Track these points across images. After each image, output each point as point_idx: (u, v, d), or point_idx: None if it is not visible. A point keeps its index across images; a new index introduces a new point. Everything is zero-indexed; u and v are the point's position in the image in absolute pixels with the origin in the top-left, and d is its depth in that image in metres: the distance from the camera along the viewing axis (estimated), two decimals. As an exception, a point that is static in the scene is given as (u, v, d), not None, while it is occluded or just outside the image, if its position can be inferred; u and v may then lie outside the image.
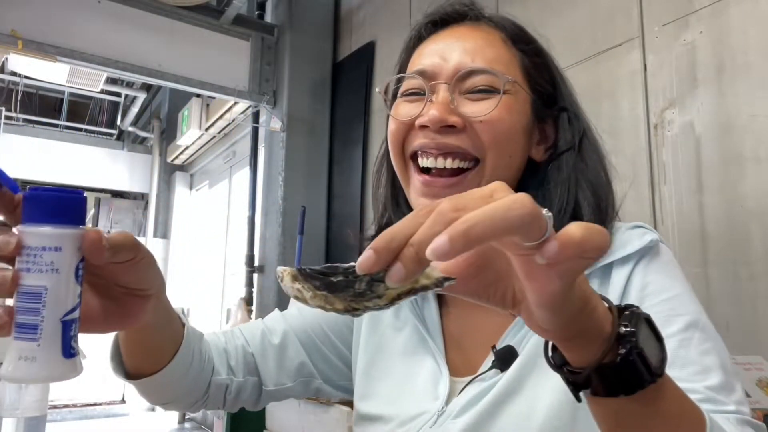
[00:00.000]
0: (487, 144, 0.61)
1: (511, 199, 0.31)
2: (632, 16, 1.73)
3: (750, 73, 1.44)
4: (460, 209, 0.32)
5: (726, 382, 0.51)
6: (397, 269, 0.32)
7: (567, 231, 0.32)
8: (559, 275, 0.33)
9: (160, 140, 6.09)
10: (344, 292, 0.35)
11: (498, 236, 0.31)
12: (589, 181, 0.64)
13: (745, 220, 1.41)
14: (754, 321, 1.37)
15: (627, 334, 0.37)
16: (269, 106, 3.40)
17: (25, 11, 2.76)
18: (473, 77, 0.63)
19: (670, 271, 0.59)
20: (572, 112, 0.68)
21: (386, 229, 0.33)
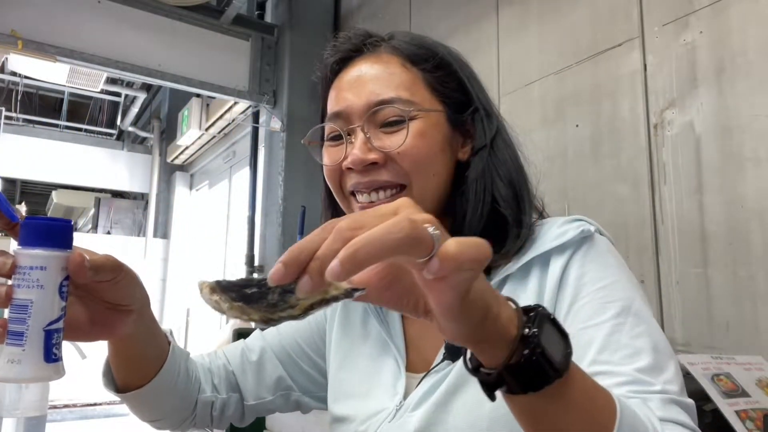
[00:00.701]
0: (409, 171, 0.66)
1: (391, 222, 0.34)
2: (632, 16, 1.73)
3: (750, 73, 1.44)
4: (356, 228, 0.35)
5: (655, 362, 0.53)
6: (304, 282, 0.35)
7: (444, 247, 0.35)
8: (450, 287, 0.36)
9: (160, 140, 6.09)
10: (259, 303, 0.37)
11: (382, 258, 0.34)
12: (503, 176, 0.68)
13: (745, 220, 1.41)
14: (754, 321, 1.37)
15: (530, 336, 0.40)
16: (269, 106, 3.40)
17: (25, 11, 2.76)
18: (382, 110, 0.66)
19: (606, 260, 0.62)
20: (483, 112, 0.72)
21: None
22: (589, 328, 0.57)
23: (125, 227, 6.53)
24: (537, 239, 0.65)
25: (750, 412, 1.05)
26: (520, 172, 0.71)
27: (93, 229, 6.56)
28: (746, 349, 1.32)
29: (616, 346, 0.55)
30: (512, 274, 0.64)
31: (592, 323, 0.57)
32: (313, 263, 0.35)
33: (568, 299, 0.60)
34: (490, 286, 0.40)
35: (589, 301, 0.59)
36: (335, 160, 0.69)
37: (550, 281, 0.62)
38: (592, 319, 0.57)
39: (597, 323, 0.57)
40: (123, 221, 6.53)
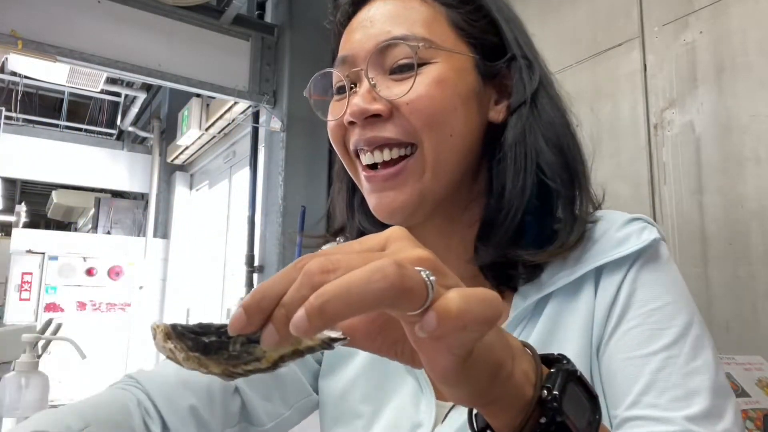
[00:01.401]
0: (419, 127, 0.53)
1: (372, 268, 0.27)
2: (632, 16, 1.73)
3: (750, 73, 1.44)
4: (328, 271, 0.28)
5: (712, 407, 0.45)
6: (269, 333, 0.28)
7: (444, 301, 0.28)
8: (447, 350, 0.29)
9: (160, 140, 6.08)
10: (218, 355, 0.31)
11: (359, 312, 0.27)
12: (550, 139, 0.55)
13: (745, 220, 1.41)
14: (754, 321, 1.37)
15: (549, 399, 0.33)
16: (269, 106, 3.40)
17: (25, 11, 2.76)
18: (391, 51, 0.53)
19: (664, 275, 0.52)
20: (523, 60, 0.57)
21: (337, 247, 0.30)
22: (634, 360, 0.48)
23: (125, 227, 6.53)
24: (593, 240, 0.54)
25: (750, 412, 1.05)
26: (571, 138, 0.56)
27: (93, 229, 6.56)
28: (746, 349, 1.32)
29: (665, 386, 0.46)
30: (560, 287, 0.53)
31: (639, 354, 0.48)
32: (278, 311, 0.28)
33: (613, 320, 0.50)
34: (502, 336, 0.33)
35: (638, 325, 0.49)
36: (337, 114, 0.57)
37: (603, 301, 0.51)
38: (639, 349, 0.48)
39: (645, 354, 0.47)
40: (123, 221, 6.52)
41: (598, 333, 0.51)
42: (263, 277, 3.37)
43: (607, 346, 0.50)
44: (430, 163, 0.53)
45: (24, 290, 5.32)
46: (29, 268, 5.37)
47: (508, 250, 0.53)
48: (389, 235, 0.31)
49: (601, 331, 0.51)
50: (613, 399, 0.48)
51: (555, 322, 0.52)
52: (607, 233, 0.54)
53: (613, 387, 0.49)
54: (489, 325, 0.29)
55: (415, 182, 0.54)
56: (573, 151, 0.55)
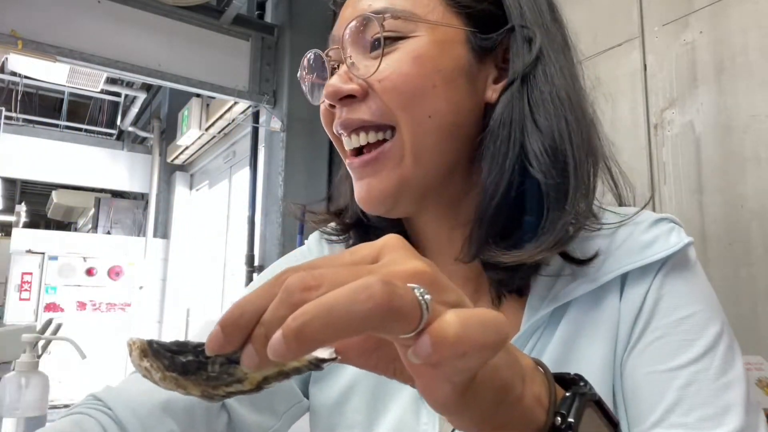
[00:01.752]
0: (394, 108, 0.47)
1: (356, 286, 0.23)
2: (632, 16, 1.73)
3: (750, 73, 1.44)
4: (310, 288, 0.24)
5: (746, 426, 0.41)
6: (249, 354, 0.25)
7: (439, 325, 0.24)
8: (446, 377, 0.26)
9: (160, 140, 6.09)
10: (197, 375, 0.28)
11: (343, 336, 0.23)
12: (541, 122, 0.47)
13: (745, 220, 1.41)
14: (754, 321, 1.37)
15: (563, 428, 0.29)
16: (269, 106, 3.40)
17: (25, 11, 2.76)
18: (367, 28, 0.48)
19: (693, 280, 0.48)
20: (522, 30, 0.50)
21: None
22: (660, 374, 0.43)
23: (125, 227, 6.53)
24: (617, 244, 0.49)
25: (750, 412, 1.05)
26: (569, 120, 0.48)
27: (93, 229, 6.56)
28: (746, 349, 1.31)
29: (693, 402, 0.41)
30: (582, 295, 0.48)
31: (665, 368, 0.43)
32: (257, 330, 0.25)
33: (639, 328, 0.46)
34: (511, 354, 0.29)
35: (664, 336, 0.45)
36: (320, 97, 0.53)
37: (629, 309, 0.47)
38: (665, 362, 0.44)
39: (672, 368, 0.43)
40: (123, 221, 6.52)
41: (623, 341, 0.46)
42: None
43: (629, 357, 0.46)
44: (409, 146, 0.48)
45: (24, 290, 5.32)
46: (29, 268, 5.37)
47: (486, 249, 0.48)
48: (383, 244, 0.28)
49: (626, 339, 0.47)
50: (636, 416, 0.45)
51: (575, 332, 0.48)
52: (632, 236, 0.49)
53: (636, 403, 0.45)
54: (492, 352, 0.26)
55: (394, 167, 0.49)
56: (568, 136, 0.47)
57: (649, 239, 0.48)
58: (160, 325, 5.86)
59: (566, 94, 0.49)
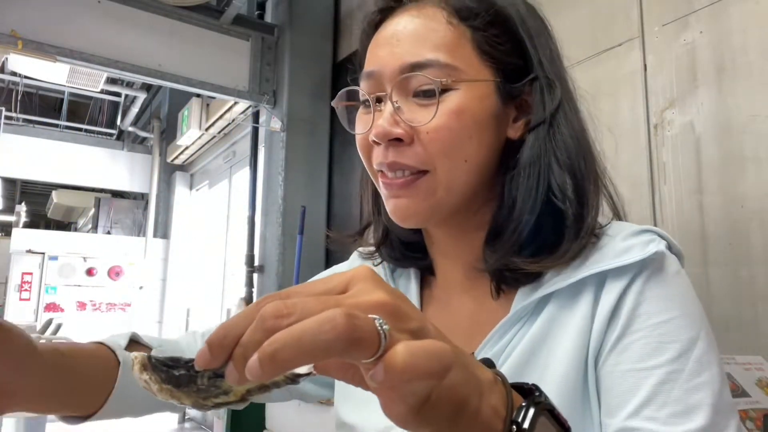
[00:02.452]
0: (434, 155, 0.55)
1: (323, 318, 0.27)
2: (632, 16, 1.73)
3: (750, 73, 1.44)
4: (282, 316, 0.28)
5: (711, 425, 0.44)
6: (230, 370, 0.30)
7: (391, 354, 0.28)
8: (401, 397, 0.30)
9: (160, 140, 6.09)
10: (188, 388, 0.32)
11: (310, 362, 0.28)
12: (563, 162, 0.55)
13: (745, 220, 1.41)
14: (754, 321, 1.37)
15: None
16: (269, 106, 3.40)
17: (25, 11, 2.76)
18: (414, 75, 0.55)
19: (671, 288, 0.52)
20: (545, 81, 0.58)
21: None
22: (636, 372, 0.48)
23: (125, 227, 6.53)
24: (597, 248, 0.55)
25: (750, 412, 1.05)
26: (586, 158, 0.57)
27: (93, 229, 6.57)
28: (746, 349, 1.32)
29: (665, 400, 0.45)
30: (560, 289, 0.54)
31: (641, 366, 0.48)
32: (237, 350, 0.29)
33: (616, 331, 0.50)
34: (468, 371, 0.32)
35: (642, 338, 0.49)
36: (363, 128, 0.59)
37: (603, 310, 0.51)
38: (642, 362, 0.48)
39: (647, 367, 0.47)
40: (123, 221, 6.53)
41: (597, 339, 0.51)
42: (263, 277, 3.37)
43: (609, 356, 0.50)
44: (443, 184, 0.56)
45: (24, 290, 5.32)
46: (29, 268, 5.37)
47: (511, 258, 0.56)
48: (353, 275, 0.32)
49: (600, 337, 0.51)
50: (609, 408, 0.49)
51: (552, 322, 0.54)
52: (612, 242, 0.55)
53: (611, 397, 0.49)
54: (436, 379, 0.30)
55: (427, 197, 0.56)
56: (585, 172, 0.56)
57: (626, 246, 0.53)
58: (160, 325, 5.86)
59: (581, 135, 0.58)
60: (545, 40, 0.61)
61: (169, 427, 4.96)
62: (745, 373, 1.19)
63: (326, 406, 1.87)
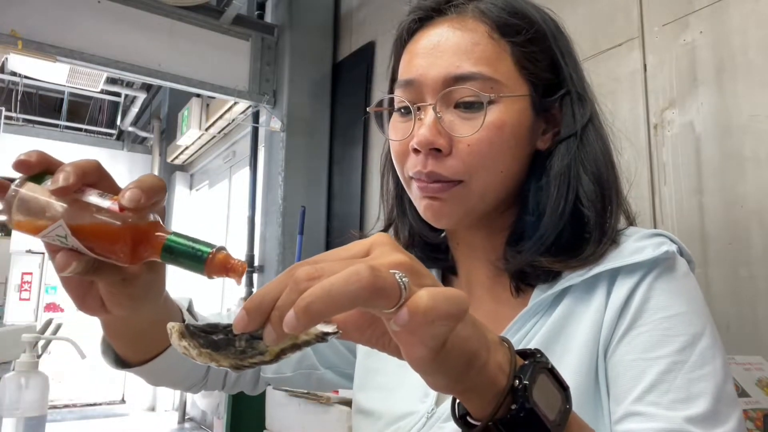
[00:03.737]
0: (473, 168, 0.57)
1: (349, 272, 0.31)
2: (632, 16, 1.73)
3: (750, 73, 1.44)
4: (313, 278, 0.32)
5: (713, 412, 0.46)
6: (268, 331, 0.33)
7: (414, 299, 0.32)
8: (420, 342, 0.33)
9: (160, 140, 6.09)
10: (227, 350, 0.36)
11: (340, 311, 0.31)
12: (589, 171, 0.59)
13: (745, 220, 1.41)
14: (754, 321, 1.37)
15: (519, 388, 0.36)
16: (269, 106, 3.40)
17: (25, 11, 2.76)
18: (459, 87, 0.56)
19: (678, 287, 0.55)
20: (576, 95, 0.62)
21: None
22: (641, 361, 0.50)
23: (125, 227, 6.52)
24: (616, 248, 0.58)
25: (750, 412, 1.05)
26: (610, 169, 0.61)
27: (93, 229, 6.56)
28: (746, 349, 1.32)
29: (668, 387, 0.48)
30: (576, 285, 0.56)
31: (648, 356, 0.50)
32: (274, 313, 0.33)
33: (625, 324, 0.53)
34: (478, 329, 0.36)
35: (649, 330, 0.52)
36: (400, 135, 0.61)
37: (614, 303, 0.54)
38: (648, 352, 0.51)
39: (653, 357, 0.50)
40: (123, 221, 6.52)
41: (607, 332, 0.54)
42: (263, 277, 3.37)
43: (617, 347, 0.53)
44: (478, 193, 0.58)
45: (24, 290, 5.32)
46: (29, 268, 5.37)
47: (537, 258, 0.58)
48: (372, 242, 0.35)
49: (610, 331, 0.54)
50: (617, 396, 0.51)
51: (567, 316, 0.56)
52: (626, 243, 0.58)
53: (618, 385, 0.51)
54: (455, 320, 0.33)
55: (461, 203, 0.59)
56: (610, 182, 0.60)
57: (641, 246, 0.57)
58: (160, 325, 5.85)
59: (607, 147, 0.62)
60: (574, 56, 0.65)
61: (169, 426, 4.96)
62: (745, 373, 1.19)
63: (326, 406, 1.87)
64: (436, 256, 0.69)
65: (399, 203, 0.71)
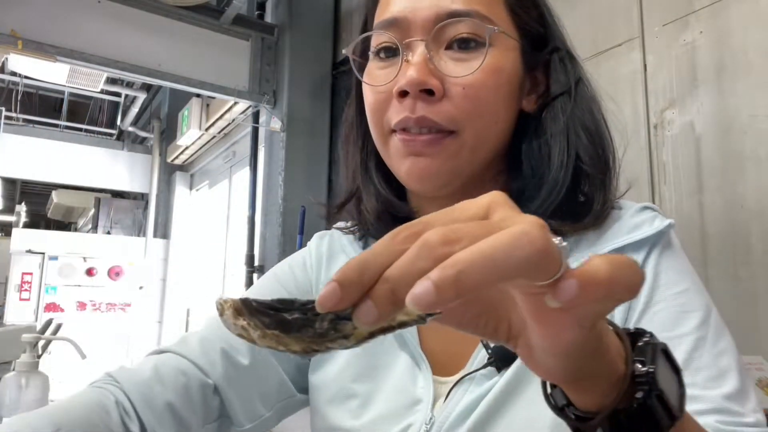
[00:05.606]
0: (467, 115, 0.51)
1: (517, 232, 0.24)
2: (632, 16, 1.73)
3: (750, 73, 1.44)
4: (452, 242, 0.25)
5: (742, 386, 0.45)
6: (367, 310, 0.25)
7: (590, 268, 0.25)
8: (579, 320, 0.27)
9: (160, 140, 6.08)
10: (301, 333, 0.28)
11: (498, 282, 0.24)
12: (586, 128, 0.56)
13: (745, 220, 1.41)
14: (754, 321, 1.37)
15: (644, 374, 0.30)
16: (269, 106, 3.40)
17: (25, 11, 2.76)
18: (454, 24, 0.51)
19: (681, 262, 0.53)
20: (566, 52, 0.59)
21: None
22: (668, 340, 0.46)
23: (125, 227, 6.53)
24: (608, 225, 0.55)
25: (750, 412, 1.05)
26: (605, 128, 0.58)
27: (93, 229, 6.56)
28: (746, 349, 1.31)
29: (698, 365, 0.46)
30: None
31: (671, 335, 0.48)
32: (380, 286, 0.25)
33: (641, 302, 0.50)
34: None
35: (666, 308, 0.50)
36: (384, 82, 0.54)
37: None
38: (671, 330, 0.48)
39: (677, 335, 0.48)
40: (123, 221, 6.52)
41: (621, 313, 0.51)
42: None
43: (638, 325, 0.50)
44: (469, 146, 0.53)
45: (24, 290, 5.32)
46: (29, 268, 5.36)
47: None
48: (490, 201, 0.28)
49: (625, 311, 0.51)
50: None
51: None
52: (622, 219, 0.55)
53: None
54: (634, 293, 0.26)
55: (451, 157, 0.53)
56: (606, 139, 0.57)
57: (637, 222, 0.54)
58: (160, 325, 5.86)
59: (599, 108, 0.59)
60: (557, 18, 0.62)
61: (169, 427, 4.96)
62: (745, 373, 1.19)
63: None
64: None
65: (364, 169, 0.63)
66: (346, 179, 0.66)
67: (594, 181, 0.55)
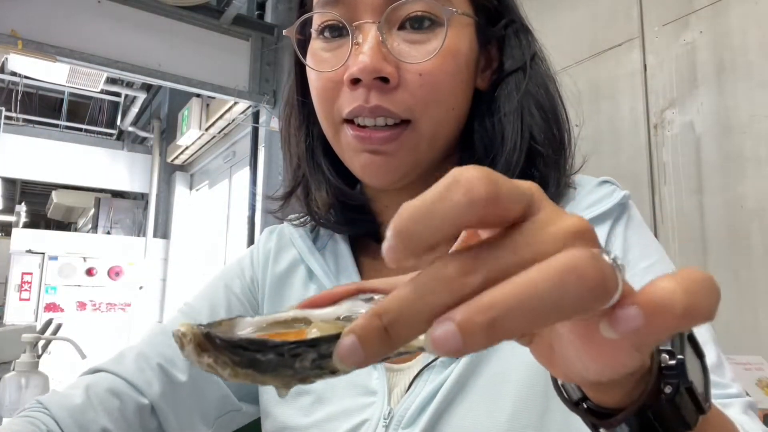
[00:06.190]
0: (425, 103, 0.48)
1: (562, 268, 0.19)
2: (632, 16, 1.73)
3: (750, 73, 1.44)
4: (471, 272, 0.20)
5: (719, 358, 0.44)
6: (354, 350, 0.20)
7: (660, 295, 0.20)
8: (638, 348, 0.22)
9: (160, 140, 6.09)
10: (277, 372, 0.25)
11: (541, 327, 0.20)
12: (541, 106, 0.52)
13: (745, 220, 1.41)
14: (754, 321, 1.37)
15: (673, 366, 0.26)
16: (269, 106, 3.40)
17: (25, 11, 2.76)
18: (408, 3, 0.47)
19: (645, 234, 0.52)
20: (521, 25, 0.55)
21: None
22: None
23: (125, 227, 6.53)
24: (568, 200, 0.53)
25: (750, 412, 1.05)
26: (561, 106, 0.55)
27: (93, 229, 6.56)
28: (746, 349, 1.31)
29: None
30: None
31: None
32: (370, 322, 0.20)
33: None
34: None
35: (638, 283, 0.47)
36: (332, 66, 0.49)
37: None
38: None
39: None
40: (123, 221, 6.52)
41: None
42: (263, 277, 3.37)
43: None
44: (428, 137, 0.50)
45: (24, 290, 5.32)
46: (29, 268, 5.37)
47: None
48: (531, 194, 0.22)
49: None
50: None
51: None
52: (581, 194, 0.54)
53: None
54: (712, 318, 0.21)
55: (409, 152, 0.50)
56: (561, 117, 0.54)
57: (597, 197, 0.53)
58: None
59: (555, 85, 0.56)
60: None
61: (169, 427, 4.96)
62: (745, 373, 1.19)
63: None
64: (354, 216, 0.57)
65: (310, 155, 0.58)
66: (290, 167, 0.61)
67: (549, 161, 0.52)
